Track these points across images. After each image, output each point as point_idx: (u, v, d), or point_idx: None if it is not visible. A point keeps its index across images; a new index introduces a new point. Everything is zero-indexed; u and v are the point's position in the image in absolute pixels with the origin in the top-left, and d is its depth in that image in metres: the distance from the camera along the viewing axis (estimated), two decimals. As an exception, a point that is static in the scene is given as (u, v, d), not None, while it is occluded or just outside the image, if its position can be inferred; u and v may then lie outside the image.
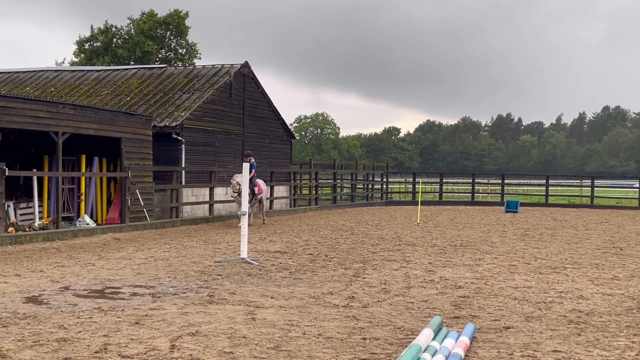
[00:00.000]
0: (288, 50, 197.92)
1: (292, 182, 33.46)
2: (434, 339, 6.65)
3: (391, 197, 41.99)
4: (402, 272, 11.90)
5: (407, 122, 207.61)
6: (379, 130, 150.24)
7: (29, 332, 7.00)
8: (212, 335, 6.97)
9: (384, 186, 40.88)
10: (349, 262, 13.18)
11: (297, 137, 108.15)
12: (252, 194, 21.19)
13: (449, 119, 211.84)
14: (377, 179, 41.40)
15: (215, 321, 7.65)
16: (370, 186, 40.32)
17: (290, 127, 37.18)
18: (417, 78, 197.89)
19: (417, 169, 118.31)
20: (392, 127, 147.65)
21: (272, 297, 9.22)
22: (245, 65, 29.51)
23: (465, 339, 6.66)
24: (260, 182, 21.96)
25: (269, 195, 24.41)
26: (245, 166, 13.71)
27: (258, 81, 30.55)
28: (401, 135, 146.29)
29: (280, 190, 31.52)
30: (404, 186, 49.46)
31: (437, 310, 8.59)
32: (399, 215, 28.45)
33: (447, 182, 49.45)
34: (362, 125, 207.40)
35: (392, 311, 8.44)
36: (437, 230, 20.91)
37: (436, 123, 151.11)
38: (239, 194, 19.62)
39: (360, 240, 17.54)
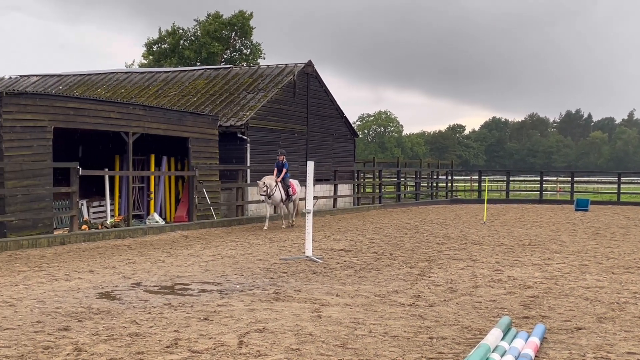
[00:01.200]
0: (347, 48, 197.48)
1: (356, 180, 33.43)
2: (502, 339, 6.54)
3: (456, 196, 41.46)
4: (469, 271, 11.74)
5: (472, 119, 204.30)
6: (442, 127, 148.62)
7: (103, 327, 7.22)
8: (279, 332, 7.04)
9: (449, 184, 40.41)
10: (414, 260, 13.08)
11: (360, 136, 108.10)
12: (287, 195, 20.34)
13: (516, 116, 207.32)
14: (442, 177, 40.95)
15: (282, 318, 7.72)
16: (434, 184, 39.91)
17: (353, 125, 37.15)
18: (480, 74, 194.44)
19: (482, 166, 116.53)
20: (457, 124, 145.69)
21: (337, 295, 9.23)
22: (309, 64, 29.64)
23: (535, 340, 6.53)
24: (293, 182, 20.93)
25: (305, 195, 22.93)
26: (310, 165, 13.76)
27: (321, 80, 30.64)
28: (466, 132, 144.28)
29: (344, 189, 31.54)
30: (469, 184, 48.76)
31: (506, 310, 8.44)
32: (464, 213, 28.07)
33: (514, 180, 48.48)
34: (425, 123, 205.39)
35: (459, 310, 8.33)
36: (504, 228, 20.54)
37: (502, 120, 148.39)
38: (268, 196, 19.71)
39: (425, 238, 17.39)
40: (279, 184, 19.99)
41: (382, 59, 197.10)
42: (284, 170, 20.18)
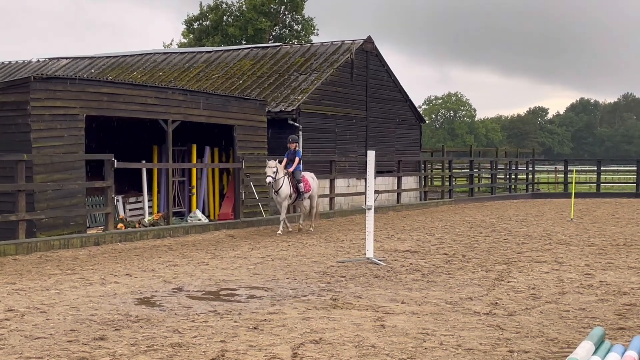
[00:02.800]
0: (408, 20, 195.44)
1: (422, 172, 33.23)
2: (594, 353, 6.41)
3: (538, 189, 40.83)
4: (554, 275, 11.55)
5: (556, 101, 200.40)
6: (522, 111, 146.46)
7: (142, 336, 7.36)
8: (338, 344, 7.06)
9: (530, 176, 39.79)
10: (491, 263, 12.95)
11: (427, 121, 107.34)
12: (297, 192, 18.56)
13: (607, 97, 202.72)
14: (522, 167, 40.37)
15: (340, 328, 7.74)
16: (513, 176, 39.38)
17: (418, 109, 36.93)
18: (563, 49, 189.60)
19: (568, 155, 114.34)
20: (538, 107, 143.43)
21: (402, 302, 9.21)
22: (368, 40, 29.57)
23: (632, 354, 6.38)
24: (308, 176, 19.14)
25: (324, 191, 20.82)
26: (370, 154, 13.73)
27: (382, 58, 30.54)
28: (549, 116, 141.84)
29: (409, 182, 31.41)
30: (553, 176, 47.94)
31: (598, 320, 8.28)
32: (548, 209, 27.62)
33: (605, 171, 47.46)
34: (501, 106, 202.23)
35: (544, 320, 8.22)
36: (595, 226, 20.14)
37: (591, 101, 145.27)
38: (275, 190, 18.27)
39: (502, 238, 17.19)
40: (288, 178, 18.40)
41: (447, 32, 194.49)
42: (297, 160, 18.57)
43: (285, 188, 18.27)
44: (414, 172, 32.17)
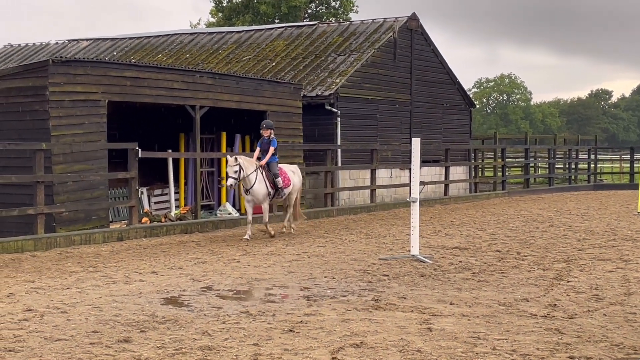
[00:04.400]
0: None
1: (472, 161, 33.02)
2: (665, 361, 6.32)
3: (601, 180, 40.34)
4: (619, 274, 11.43)
5: (621, 83, 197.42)
6: (582, 94, 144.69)
7: (170, 339, 7.44)
8: (380, 348, 7.06)
9: (592, 165, 39.31)
10: (548, 261, 12.85)
11: (478, 106, 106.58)
12: (274, 187, 16.62)
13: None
14: (583, 156, 39.88)
15: (383, 331, 7.74)
16: (573, 166, 38.95)
17: (468, 92, 36.67)
18: (627, 25, 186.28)
19: (635, 142, 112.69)
20: (601, 89, 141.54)
21: (451, 304, 9.18)
22: (413, 17, 29.42)
23: None
24: (287, 169, 17.24)
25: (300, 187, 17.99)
26: (416, 142, 13.66)
27: (429, 37, 30.37)
28: (613, 99, 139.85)
29: (458, 172, 31.24)
30: (617, 165, 47.30)
31: (668, 324, 8.17)
32: (612, 202, 27.27)
33: (676, 159, 46.67)
34: (559, 89, 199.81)
35: (607, 324, 8.13)
36: (665, 221, 19.85)
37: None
38: (245, 190, 16.32)
39: (561, 233, 17.03)
40: (263, 172, 16.41)
41: (494, 8, 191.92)
42: (272, 149, 16.45)
43: (260, 185, 16.29)
44: (463, 161, 31.96)
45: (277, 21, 54.37)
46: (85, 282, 10.75)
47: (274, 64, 28.83)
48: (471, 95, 49.59)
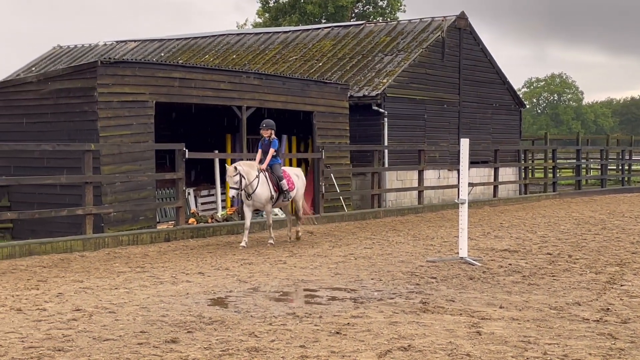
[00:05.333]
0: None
1: (522, 162, 32.71)
2: None
3: (655, 181, 39.60)
4: (675, 279, 11.22)
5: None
6: (636, 93, 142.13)
7: (217, 340, 7.49)
8: (428, 351, 7.03)
9: (646, 166, 38.65)
10: (601, 264, 12.66)
11: (528, 106, 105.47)
12: (278, 191, 15.68)
13: None
14: (637, 157, 39.24)
15: (431, 334, 7.70)
16: (626, 167, 38.35)
17: (518, 92, 36.34)
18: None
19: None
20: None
21: (501, 307, 9.10)
22: (461, 16, 29.24)
23: None
24: (290, 172, 16.34)
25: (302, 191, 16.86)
26: (464, 143, 13.56)
27: (477, 36, 30.16)
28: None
29: (507, 173, 30.98)
30: (673, 166, 46.42)
31: None
32: (667, 204, 26.80)
33: None
34: (612, 88, 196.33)
35: (663, 330, 7.99)
36: None
37: None
38: (247, 194, 15.35)
39: (614, 236, 16.78)
40: (265, 175, 15.54)
41: (542, 6, 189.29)
42: (272, 151, 15.60)
43: (262, 188, 15.37)
44: (513, 162, 31.66)
45: (323, 21, 54.47)
46: (133, 283, 10.88)
47: (320, 64, 28.87)
48: (521, 95, 49.10)
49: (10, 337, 7.59)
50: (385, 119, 25.44)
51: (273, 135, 15.72)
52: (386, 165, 25.18)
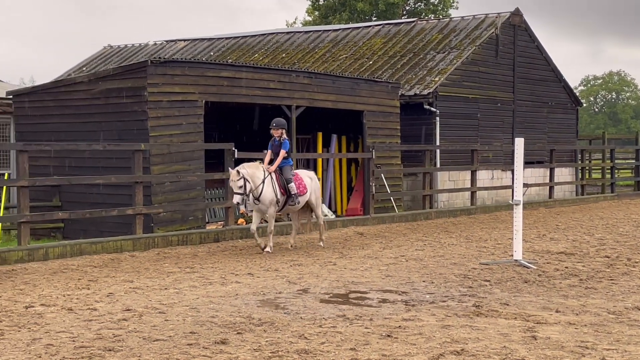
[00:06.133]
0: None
1: (579, 162, 32.26)
2: None
3: None
4: None
5: None
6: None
7: (266, 341, 7.53)
8: (482, 356, 6.97)
9: None
10: (661, 268, 12.45)
11: (585, 105, 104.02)
12: (286, 194, 14.88)
13: None
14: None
15: (485, 338, 7.64)
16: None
17: (574, 90, 35.86)
18: None
19: None
20: None
21: (557, 311, 9.00)
22: (516, 13, 28.97)
23: None
24: (303, 175, 15.49)
25: (319, 195, 16.05)
26: (519, 142, 13.43)
27: (532, 33, 29.86)
28: None
29: (563, 174, 30.60)
30: None
31: None
32: None
33: None
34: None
35: None
36: None
37: None
38: (256, 198, 14.54)
39: (675, 239, 16.49)
40: (273, 177, 14.78)
41: (598, 1, 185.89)
42: (283, 152, 14.88)
43: (267, 190, 14.61)
44: (569, 162, 31.26)
45: (374, 19, 54.39)
46: (183, 283, 10.99)
47: (371, 62, 28.83)
48: (577, 94, 48.48)
49: (62, 336, 7.73)
50: (437, 118, 25.31)
51: (284, 136, 14.97)
52: (438, 165, 25.05)
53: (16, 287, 10.71)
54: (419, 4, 58.07)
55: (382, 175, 21.71)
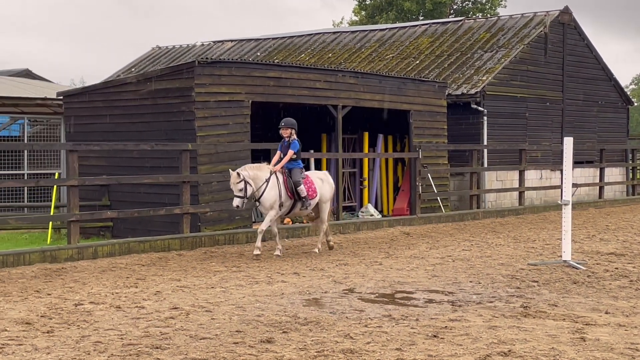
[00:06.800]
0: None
1: (630, 162, 31.76)
2: None
3: None
4: None
5: None
6: None
7: (312, 341, 7.54)
8: (530, 357, 6.90)
9: None
10: None
11: (636, 103, 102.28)
12: (295, 197, 14.11)
13: None
14: None
15: (533, 339, 7.56)
16: None
17: (625, 89, 35.31)
18: None
19: None
20: None
21: (606, 313, 8.87)
22: (565, 11, 28.63)
23: None
24: (314, 177, 14.67)
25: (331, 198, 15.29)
26: (568, 142, 13.27)
27: (582, 31, 29.47)
28: None
29: (613, 174, 30.15)
30: None
31: None
32: None
33: None
34: None
35: None
36: None
37: None
38: (256, 199, 13.88)
39: None
40: (278, 177, 14.00)
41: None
42: (291, 153, 14.09)
43: (270, 192, 13.83)
44: (620, 162, 30.79)
45: (421, 18, 54.17)
46: (229, 282, 11.05)
47: (417, 61, 28.71)
48: (628, 92, 47.73)
49: (110, 334, 7.83)
50: (485, 118, 25.11)
51: (294, 136, 14.18)
52: (485, 165, 24.85)
53: (66, 285, 10.87)
54: (466, 2, 57.70)
55: (428, 175, 21.61)
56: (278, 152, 14.35)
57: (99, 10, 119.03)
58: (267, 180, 13.76)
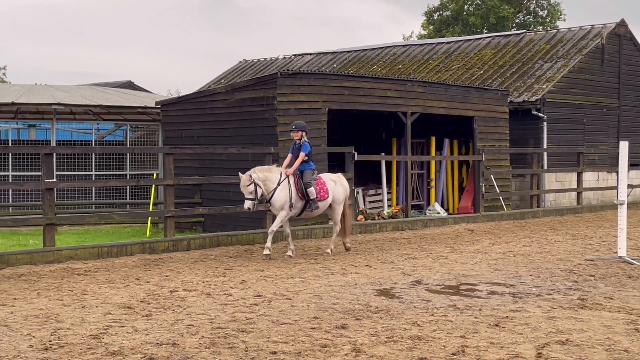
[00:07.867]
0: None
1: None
2: None
3: None
4: None
5: None
6: None
7: (382, 327, 7.52)
8: (586, 346, 6.75)
9: None
10: None
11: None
12: (304, 198, 13.20)
13: None
14: None
15: (589, 329, 7.39)
16: None
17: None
18: None
19: None
20: None
21: (660, 306, 8.61)
22: (621, 24, 27.87)
23: None
24: (327, 178, 13.77)
25: (345, 198, 14.05)
26: (624, 146, 12.92)
27: (638, 42, 28.65)
28: None
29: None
30: None
31: None
32: None
33: None
34: None
35: None
36: None
37: None
38: (267, 201, 13.18)
39: None
40: (290, 180, 13.18)
41: None
42: (302, 155, 13.20)
43: (280, 193, 13.03)
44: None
45: (485, 31, 53.46)
46: (307, 273, 11.10)
47: (481, 71, 28.33)
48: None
49: (201, 318, 7.95)
50: (545, 123, 24.64)
51: (304, 138, 13.30)
52: (545, 167, 24.39)
53: (162, 273, 11.09)
54: (528, 17, 56.69)
55: (491, 176, 21.33)
56: (289, 155, 13.47)
57: (191, 30, 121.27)
58: (280, 182, 13.02)
